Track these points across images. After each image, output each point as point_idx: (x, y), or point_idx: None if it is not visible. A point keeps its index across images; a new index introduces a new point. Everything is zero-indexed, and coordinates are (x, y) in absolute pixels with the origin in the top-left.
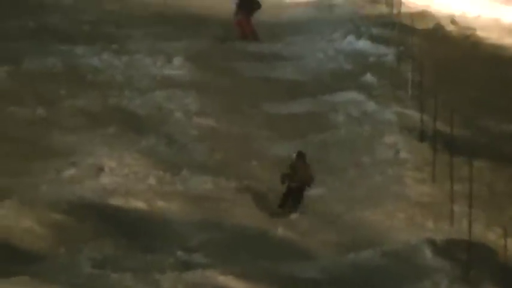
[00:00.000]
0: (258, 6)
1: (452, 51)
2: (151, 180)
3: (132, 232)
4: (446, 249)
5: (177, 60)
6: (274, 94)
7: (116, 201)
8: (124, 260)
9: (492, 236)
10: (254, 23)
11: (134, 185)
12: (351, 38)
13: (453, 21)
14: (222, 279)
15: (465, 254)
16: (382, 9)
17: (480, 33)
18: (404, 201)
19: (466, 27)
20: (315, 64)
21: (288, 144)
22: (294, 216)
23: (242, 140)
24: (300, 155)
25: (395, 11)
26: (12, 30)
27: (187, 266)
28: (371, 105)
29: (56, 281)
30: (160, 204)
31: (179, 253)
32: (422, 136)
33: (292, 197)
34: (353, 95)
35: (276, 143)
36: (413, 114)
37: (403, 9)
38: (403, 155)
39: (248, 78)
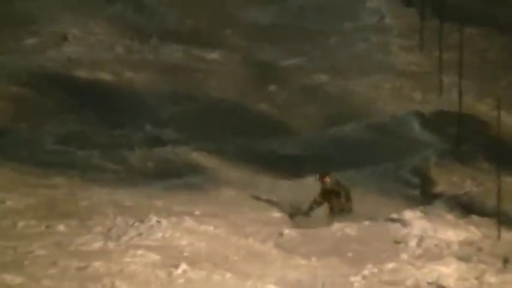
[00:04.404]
0: None
1: None
2: (119, 49)
3: (98, 106)
4: (435, 121)
5: None
6: None
7: (81, 72)
8: (90, 136)
9: (484, 108)
10: None
11: (100, 54)
12: None
13: None
14: (194, 155)
15: (455, 127)
16: None
17: None
18: (389, 71)
19: None
20: None
21: (264, 10)
22: (271, 87)
23: (216, 5)
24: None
25: None
26: None
27: (157, 141)
28: None
29: (17, 158)
30: (129, 75)
31: (148, 128)
32: (409, 0)
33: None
34: None
35: (252, 9)
36: None
37: None
38: (388, 20)
39: None
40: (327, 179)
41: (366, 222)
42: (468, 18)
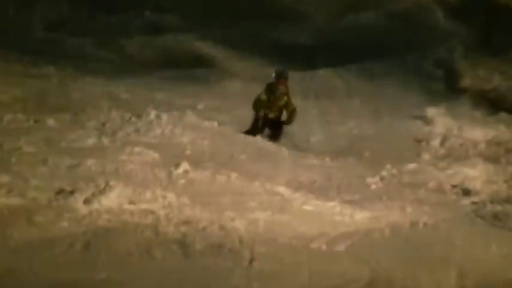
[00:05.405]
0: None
1: None
2: None
3: None
4: (461, 9)
5: None
6: None
7: None
8: (83, 22)
9: None
10: None
11: None
12: None
13: None
14: (198, 44)
15: (484, 16)
16: None
17: None
18: None
19: None
20: None
21: None
22: None
23: None
24: (281, 75)
25: None
26: None
27: (157, 28)
28: None
29: (2, 44)
30: None
31: (148, 14)
32: None
33: (272, 131)
34: None
35: None
36: None
37: None
38: None
39: None
40: (283, 86)
41: (385, 119)
42: None
